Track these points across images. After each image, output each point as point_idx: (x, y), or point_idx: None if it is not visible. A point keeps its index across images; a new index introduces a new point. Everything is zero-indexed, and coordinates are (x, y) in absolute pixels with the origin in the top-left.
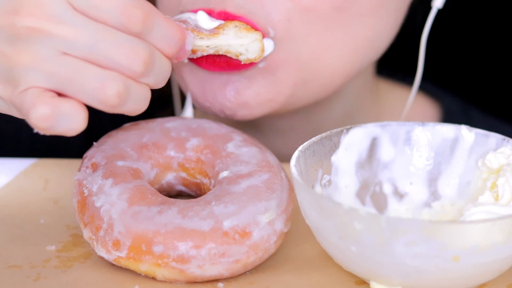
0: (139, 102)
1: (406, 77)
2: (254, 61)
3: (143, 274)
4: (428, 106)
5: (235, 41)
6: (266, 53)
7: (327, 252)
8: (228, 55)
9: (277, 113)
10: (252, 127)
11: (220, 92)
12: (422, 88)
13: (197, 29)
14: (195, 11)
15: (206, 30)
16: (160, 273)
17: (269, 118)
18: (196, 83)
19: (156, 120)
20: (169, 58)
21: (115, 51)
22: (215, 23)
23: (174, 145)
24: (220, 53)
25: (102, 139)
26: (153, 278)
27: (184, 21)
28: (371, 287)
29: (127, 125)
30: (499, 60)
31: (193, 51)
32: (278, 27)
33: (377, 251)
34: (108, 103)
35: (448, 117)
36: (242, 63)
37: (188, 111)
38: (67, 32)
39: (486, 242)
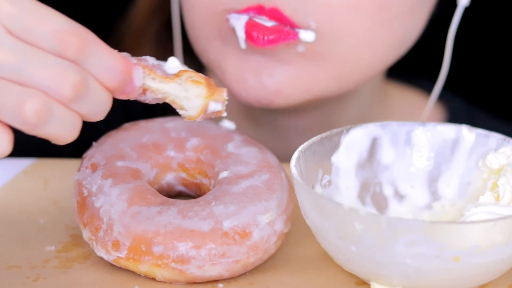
0: (64, 127)
1: (411, 79)
2: (195, 119)
3: (142, 275)
4: (434, 107)
5: (182, 93)
6: (307, 40)
7: (327, 252)
8: (173, 105)
9: (309, 104)
10: (269, 126)
11: (257, 79)
12: (428, 89)
13: (153, 68)
14: (244, 11)
15: (163, 72)
16: (159, 273)
17: (286, 117)
18: (237, 68)
19: (156, 120)
20: (111, 91)
21: (42, 73)
22: (181, 68)
23: (174, 145)
24: (167, 101)
25: (102, 139)
26: (153, 279)
27: (142, 59)
28: (371, 287)
29: (127, 125)
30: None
31: (144, 91)
32: (320, 21)
33: (377, 251)
34: (27, 121)
35: (453, 118)
36: (185, 120)
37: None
38: None
39: (487, 242)
